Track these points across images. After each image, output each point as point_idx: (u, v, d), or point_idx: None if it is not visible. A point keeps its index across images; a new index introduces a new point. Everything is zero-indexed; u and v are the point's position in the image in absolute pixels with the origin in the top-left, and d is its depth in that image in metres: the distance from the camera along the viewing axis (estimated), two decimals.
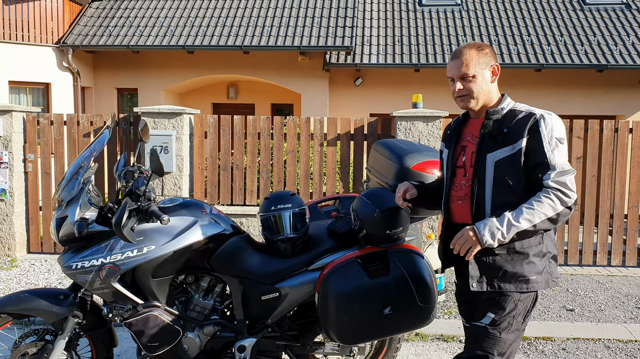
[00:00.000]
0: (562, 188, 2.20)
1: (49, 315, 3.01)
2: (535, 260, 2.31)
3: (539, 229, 2.22)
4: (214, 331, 3.13)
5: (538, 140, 2.24)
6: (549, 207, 2.20)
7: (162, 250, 2.90)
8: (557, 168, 2.21)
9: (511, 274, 2.31)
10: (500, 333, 2.32)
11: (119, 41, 11.43)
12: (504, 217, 2.22)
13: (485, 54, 2.38)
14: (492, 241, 2.22)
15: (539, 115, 2.27)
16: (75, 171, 2.94)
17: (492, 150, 2.32)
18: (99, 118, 6.51)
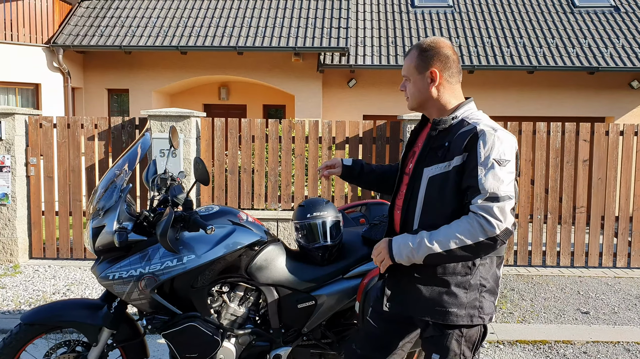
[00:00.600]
0: (486, 216, 1.93)
1: (84, 327, 2.94)
2: (457, 291, 2.07)
3: (453, 256, 2.00)
4: (249, 341, 3.09)
5: (473, 158, 1.99)
6: (467, 234, 1.95)
7: (202, 259, 2.85)
8: (487, 193, 1.94)
9: (425, 301, 2.12)
10: None
11: (110, 41, 11.26)
12: (419, 236, 2.04)
13: (427, 57, 2.16)
14: (401, 258, 2.07)
15: (479, 130, 2.01)
16: (112, 179, 2.87)
17: (429, 164, 2.11)
18: (103, 121, 6.39)
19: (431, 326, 2.14)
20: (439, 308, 2.10)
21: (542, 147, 6.48)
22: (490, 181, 1.95)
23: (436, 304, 2.10)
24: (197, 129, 6.45)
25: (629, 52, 11.58)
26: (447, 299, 2.08)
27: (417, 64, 2.18)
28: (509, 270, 6.43)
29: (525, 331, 4.62)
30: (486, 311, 2.11)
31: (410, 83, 2.21)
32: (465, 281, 2.08)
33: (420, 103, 2.23)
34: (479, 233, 1.94)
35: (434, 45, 2.16)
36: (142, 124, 6.44)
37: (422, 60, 2.17)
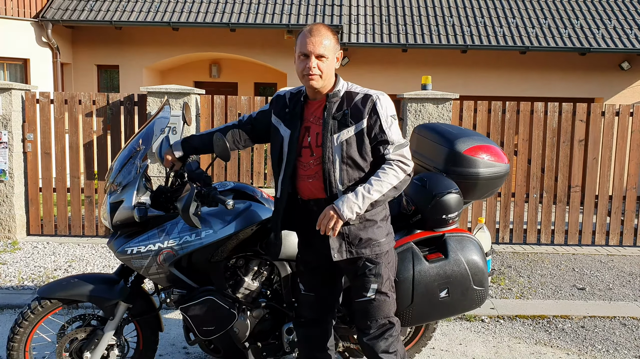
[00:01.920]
0: (401, 159, 2.45)
1: (101, 301, 2.96)
2: (382, 224, 2.57)
3: (387, 197, 2.45)
4: (263, 314, 3.14)
5: (377, 119, 2.45)
6: (394, 177, 2.43)
7: (220, 234, 2.87)
8: (395, 142, 2.45)
9: (365, 240, 2.52)
10: (388, 296, 2.63)
11: (100, 16, 11.07)
12: (358, 192, 2.41)
13: (337, 39, 2.51)
14: (351, 215, 2.40)
15: (375, 97, 2.47)
16: (130, 155, 2.87)
17: (337, 131, 2.47)
18: (101, 97, 6.33)
19: (363, 261, 2.56)
20: (374, 242, 2.55)
21: (539, 127, 6.56)
22: (394, 133, 2.48)
23: (372, 240, 2.54)
24: (197, 106, 6.43)
25: (620, 33, 11.65)
26: (377, 233, 2.55)
27: (334, 46, 2.49)
28: (505, 248, 6.55)
29: (524, 306, 4.74)
30: (392, 235, 2.66)
31: (328, 62, 2.46)
32: (384, 215, 2.60)
33: (329, 81, 2.51)
34: (400, 173, 2.45)
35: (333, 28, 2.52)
36: (141, 101, 6.38)
37: (336, 40, 2.51)
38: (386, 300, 2.62)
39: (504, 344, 4.05)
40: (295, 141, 2.56)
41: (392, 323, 2.67)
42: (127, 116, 6.37)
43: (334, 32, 2.49)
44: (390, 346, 2.64)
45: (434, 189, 2.95)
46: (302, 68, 2.45)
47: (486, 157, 3.15)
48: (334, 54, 2.48)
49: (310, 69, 2.41)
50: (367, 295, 2.58)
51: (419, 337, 3.57)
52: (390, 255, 2.65)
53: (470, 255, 2.95)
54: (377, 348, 2.63)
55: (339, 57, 2.53)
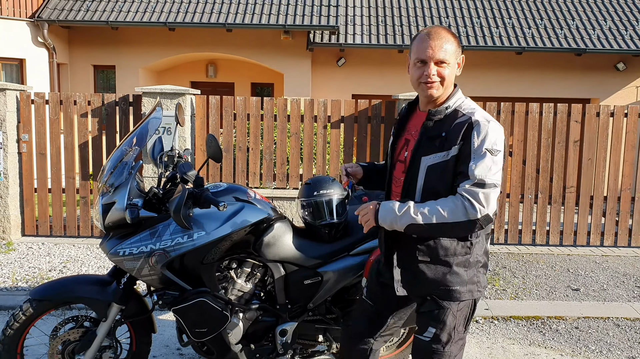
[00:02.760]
0: (471, 199, 2.05)
1: (94, 302, 2.95)
2: (459, 270, 2.20)
3: (431, 230, 2.12)
4: (256, 316, 3.14)
5: (467, 147, 2.09)
6: (451, 212, 2.07)
7: (212, 236, 2.87)
8: (475, 179, 2.05)
9: (432, 282, 2.22)
10: (444, 347, 2.25)
11: (96, 16, 11.06)
12: (406, 204, 2.15)
13: (458, 43, 2.24)
14: (385, 222, 2.19)
15: (474, 121, 2.11)
16: (122, 156, 2.87)
17: (427, 154, 2.18)
18: (97, 97, 6.32)
19: (429, 300, 2.26)
20: (443, 287, 2.21)
21: (534, 127, 6.57)
22: (479, 168, 2.06)
23: (440, 284, 2.21)
24: (192, 107, 6.42)
25: (616, 34, 11.69)
26: (450, 279, 2.20)
27: (456, 50, 2.20)
28: (500, 248, 6.56)
29: (519, 307, 4.74)
30: (482, 284, 2.28)
31: (449, 68, 2.19)
32: (464, 260, 2.20)
33: (449, 90, 2.25)
34: (461, 213, 2.06)
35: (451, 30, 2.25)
36: (136, 101, 6.38)
37: (458, 46, 2.22)
38: (440, 351, 2.26)
39: (498, 346, 4.06)
40: (392, 151, 2.40)
41: None
42: (122, 116, 6.36)
43: (454, 35, 2.22)
44: None
45: None
46: (419, 76, 2.20)
47: None
48: (456, 60, 2.21)
49: (429, 76, 2.16)
50: (423, 336, 2.30)
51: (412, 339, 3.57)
52: (465, 307, 2.26)
53: None
54: None
55: (460, 63, 2.25)
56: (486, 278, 2.30)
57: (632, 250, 6.63)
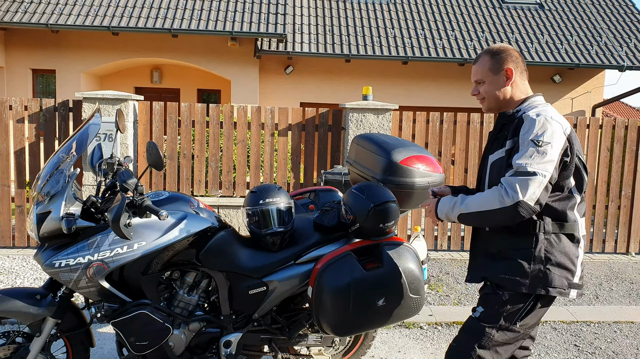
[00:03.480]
0: (507, 187, 2.18)
1: (27, 317, 2.82)
2: (522, 263, 2.30)
3: (477, 220, 2.31)
4: (199, 328, 3.08)
5: (517, 140, 2.25)
6: (487, 201, 2.23)
7: (153, 246, 2.80)
8: (516, 168, 2.19)
9: (497, 270, 2.36)
10: (486, 327, 2.34)
11: (35, 19, 10.68)
12: (457, 198, 2.38)
13: (500, 58, 2.40)
14: (442, 215, 2.44)
15: (524, 116, 2.27)
16: (58, 164, 2.76)
17: (493, 152, 2.41)
18: (34, 102, 6.08)
19: (487, 285, 2.43)
20: (504, 276, 2.33)
21: (475, 137, 6.75)
22: (522, 158, 2.19)
23: (504, 273, 2.34)
24: (135, 113, 6.27)
25: (552, 48, 12.20)
26: (512, 270, 2.32)
27: (491, 66, 2.42)
28: (443, 255, 6.69)
29: (462, 312, 4.84)
30: (554, 283, 2.30)
31: (485, 85, 2.45)
32: (529, 254, 2.30)
33: (497, 102, 2.45)
34: (496, 201, 2.21)
35: (503, 48, 2.44)
36: (76, 106, 6.18)
37: (496, 62, 2.41)
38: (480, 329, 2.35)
39: (441, 351, 4.12)
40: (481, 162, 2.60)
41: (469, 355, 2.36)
42: (62, 122, 6.14)
43: (494, 53, 2.42)
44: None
45: (372, 198, 2.98)
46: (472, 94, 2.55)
47: (422, 167, 3.21)
48: (493, 75, 2.41)
49: (473, 95, 2.53)
50: (473, 314, 2.43)
51: (359, 346, 3.59)
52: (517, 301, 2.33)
53: (407, 264, 2.99)
54: None
55: (509, 75, 2.39)
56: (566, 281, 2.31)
57: None
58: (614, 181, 6.96)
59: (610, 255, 6.97)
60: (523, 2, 13.53)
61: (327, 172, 4.35)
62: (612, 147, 6.91)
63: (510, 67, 2.40)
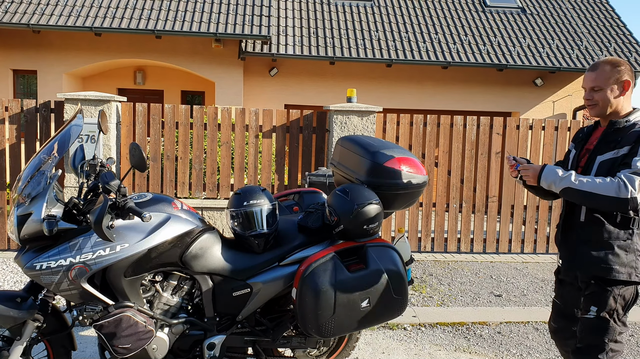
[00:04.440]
0: (626, 181, 2.47)
1: (7, 320, 2.78)
2: (620, 252, 2.62)
3: (583, 197, 2.55)
4: (183, 330, 3.07)
5: (636, 148, 2.54)
6: (604, 187, 2.51)
7: (136, 248, 2.79)
8: (635, 168, 2.50)
9: (595, 260, 2.64)
10: (607, 322, 2.62)
11: (17, 18, 10.53)
12: (569, 172, 2.63)
13: (622, 71, 2.65)
14: (545, 181, 2.67)
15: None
16: (39, 165, 2.73)
17: (602, 153, 2.66)
18: (15, 103, 6.01)
19: (593, 284, 2.66)
20: (604, 265, 2.62)
21: (458, 139, 6.81)
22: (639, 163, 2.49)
23: (602, 262, 2.62)
24: (118, 114, 6.22)
25: (534, 52, 12.34)
26: (611, 259, 2.61)
27: (611, 76, 2.66)
28: (427, 256, 6.73)
29: (444, 313, 4.87)
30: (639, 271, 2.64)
31: (602, 92, 2.67)
32: (626, 245, 2.62)
33: (609, 110, 2.69)
34: (613, 190, 2.49)
35: (624, 62, 2.69)
36: (58, 108, 6.11)
37: (617, 72, 2.65)
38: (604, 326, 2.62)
39: (425, 352, 4.14)
40: (576, 158, 2.82)
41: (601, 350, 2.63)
42: (43, 124, 6.08)
43: (615, 65, 2.65)
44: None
45: (355, 200, 2.99)
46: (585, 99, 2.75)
47: (405, 169, 3.23)
48: (612, 84, 2.64)
49: (585, 100, 2.73)
50: (587, 315, 2.66)
51: (343, 347, 3.60)
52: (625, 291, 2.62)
53: (390, 265, 3.01)
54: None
55: (626, 87, 2.65)
56: None
57: (550, 256, 6.98)
58: None
59: None
60: (505, 6, 13.66)
61: (311, 174, 4.36)
62: None
63: (629, 80, 2.67)
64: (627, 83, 2.65)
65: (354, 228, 3.01)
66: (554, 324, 3.00)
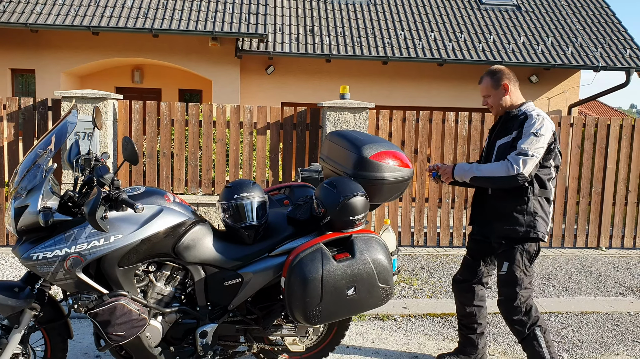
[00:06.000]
0: (512, 162, 3.15)
1: (5, 309, 2.88)
2: (518, 216, 3.26)
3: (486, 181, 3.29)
4: (176, 318, 3.16)
5: (521, 130, 3.22)
6: (497, 170, 3.21)
7: (129, 239, 2.88)
8: (519, 150, 3.16)
9: (503, 224, 3.30)
10: (517, 275, 3.29)
11: (15, 18, 10.63)
12: (472, 165, 3.36)
13: (498, 77, 3.40)
14: (458, 175, 3.42)
15: (528, 114, 3.26)
16: (35, 158, 2.83)
17: (500, 138, 3.36)
18: (13, 101, 6.10)
19: (504, 244, 3.32)
20: (508, 227, 3.29)
21: (450, 135, 6.90)
22: (524, 144, 3.16)
23: (507, 224, 3.29)
24: (114, 112, 6.32)
25: (529, 49, 12.43)
26: (513, 221, 3.27)
27: (492, 84, 3.41)
28: (420, 251, 6.83)
29: (435, 305, 4.98)
30: (539, 229, 3.29)
31: (491, 98, 3.44)
32: (522, 209, 3.26)
33: (502, 108, 3.42)
34: (503, 170, 3.19)
35: (499, 69, 3.45)
36: (55, 105, 6.21)
37: (497, 80, 3.41)
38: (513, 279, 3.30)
39: (414, 341, 4.25)
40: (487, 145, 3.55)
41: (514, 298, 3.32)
42: (41, 121, 6.18)
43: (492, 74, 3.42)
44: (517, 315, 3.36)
45: (342, 192, 3.09)
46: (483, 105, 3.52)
47: (391, 162, 3.32)
48: (495, 89, 3.39)
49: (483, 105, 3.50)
50: (501, 271, 3.37)
51: (332, 336, 3.69)
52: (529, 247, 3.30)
53: (376, 254, 3.10)
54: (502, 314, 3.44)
55: (506, 88, 3.36)
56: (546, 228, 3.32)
57: (550, 250, 7.08)
58: (585, 178, 7.16)
59: (582, 249, 7.17)
60: (500, 3, 13.76)
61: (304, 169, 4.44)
62: (583, 144, 7.11)
63: (506, 82, 3.39)
64: (506, 85, 3.37)
65: (340, 219, 3.11)
66: (460, 276, 3.76)
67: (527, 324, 3.34)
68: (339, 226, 3.16)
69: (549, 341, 3.37)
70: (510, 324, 3.41)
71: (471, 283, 3.69)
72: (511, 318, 3.37)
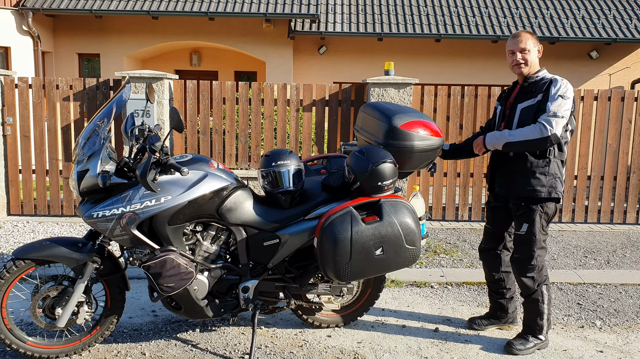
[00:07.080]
0: (545, 124, 3.27)
1: (70, 261, 3.26)
2: (541, 177, 3.40)
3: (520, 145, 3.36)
4: (220, 274, 3.46)
5: (547, 94, 3.35)
6: (531, 133, 3.31)
7: (177, 200, 3.19)
8: (549, 112, 3.29)
9: (523, 185, 3.43)
10: (535, 235, 3.44)
11: (81, 5, 11.28)
12: (503, 132, 3.45)
13: (537, 38, 3.52)
14: (490, 144, 3.52)
15: (553, 79, 3.39)
16: (95, 128, 3.18)
17: (522, 101, 3.47)
18: (78, 82, 6.59)
19: (523, 205, 3.46)
20: (529, 188, 3.42)
21: None
22: (554, 106, 3.30)
23: (528, 185, 3.42)
24: (170, 91, 6.71)
25: (589, 23, 12.06)
26: (534, 182, 3.42)
27: (534, 42, 3.51)
28: (464, 225, 6.92)
29: (472, 274, 5.10)
30: (558, 189, 3.45)
31: (529, 54, 3.48)
32: (544, 171, 3.41)
33: (532, 68, 3.50)
34: (537, 133, 3.30)
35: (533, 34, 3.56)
36: (117, 85, 6.66)
37: (535, 39, 3.52)
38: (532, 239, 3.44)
39: (448, 307, 4.41)
40: (502, 112, 3.66)
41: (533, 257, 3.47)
42: (103, 100, 6.64)
43: (532, 34, 3.51)
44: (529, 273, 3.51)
45: (371, 159, 3.29)
46: (511, 61, 3.54)
47: (421, 131, 3.48)
48: (534, 47, 3.47)
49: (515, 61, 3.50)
50: (520, 231, 3.48)
51: (367, 297, 3.91)
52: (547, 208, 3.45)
53: (403, 218, 3.29)
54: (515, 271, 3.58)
55: (540, 50, 3.50)
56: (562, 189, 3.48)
57: (588, 225, 7.02)
58: (636, 153, 7.02)
59: (631, 226, 7.06)
60: None
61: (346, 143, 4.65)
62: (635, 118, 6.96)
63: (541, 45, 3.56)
64: (542, 47, 3.53)
65: (369, 184, 3.31)
66: (484, 245, 3.90)
67: (537, 281, 3.52)
68: (368, 191, 3.36)
69: (551, 299, 3.58)
70: (520, 281, 3.55)
71: (497, 250, 3.83)
72: (525, 275, 3.51)
